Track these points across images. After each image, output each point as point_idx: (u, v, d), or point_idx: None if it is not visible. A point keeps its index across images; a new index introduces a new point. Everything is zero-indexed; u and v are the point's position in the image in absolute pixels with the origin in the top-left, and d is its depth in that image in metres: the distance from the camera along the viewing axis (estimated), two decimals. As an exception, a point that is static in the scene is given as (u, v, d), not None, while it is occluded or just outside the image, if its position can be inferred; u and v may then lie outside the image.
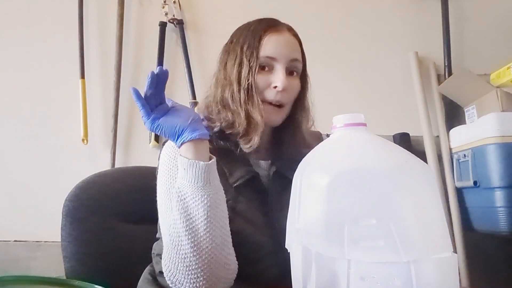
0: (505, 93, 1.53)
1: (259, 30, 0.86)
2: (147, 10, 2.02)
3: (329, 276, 0.44)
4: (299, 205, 0.50)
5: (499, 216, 1.43)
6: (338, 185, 0.45)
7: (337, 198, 0.45)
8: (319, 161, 0.51)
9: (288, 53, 0.85)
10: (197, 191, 0.70)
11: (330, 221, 0.45)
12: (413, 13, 1.99)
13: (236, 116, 0.83)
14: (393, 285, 0.41)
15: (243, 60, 0.84)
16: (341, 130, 0.51)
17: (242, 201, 0.82)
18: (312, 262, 0.45)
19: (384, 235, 0.42)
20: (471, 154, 1.55)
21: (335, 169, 0.47)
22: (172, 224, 0.72)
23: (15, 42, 2.00)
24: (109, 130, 1.92)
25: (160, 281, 0.88)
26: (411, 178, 0.46)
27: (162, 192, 0.80)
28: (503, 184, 1.42)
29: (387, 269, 0.41)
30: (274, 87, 0.83)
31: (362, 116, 0.51)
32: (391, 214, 0.43)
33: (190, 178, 0.71)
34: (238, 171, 0.84)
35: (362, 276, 0.42)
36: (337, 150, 0.50)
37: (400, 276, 0.41)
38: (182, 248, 0.70)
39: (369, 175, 0.45)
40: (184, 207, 0.70)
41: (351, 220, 0.43)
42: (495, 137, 1.45)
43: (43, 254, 1.85)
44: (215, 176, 0.73)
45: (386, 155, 0.48)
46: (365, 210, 0.43)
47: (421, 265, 0.41)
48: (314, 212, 0.46)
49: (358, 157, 0.48)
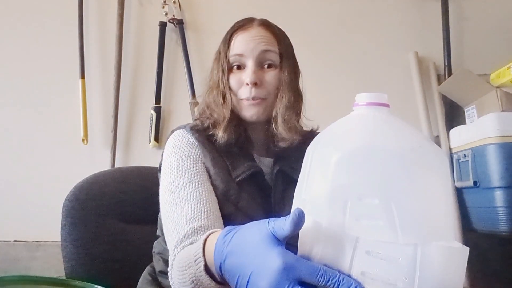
0: (505, 93, 1.53)
1: (229, 32, 0.89)
2: (147, 10, 2.02)
3: (335, 248, 0.44)
4: (308, 177, 0.50)
5: (499, 216, 1.42)
6: (347, 161, 0.45)
7: (344, 174, 0.45)
8: (333, 137, 0.50)
9: (255, 46, 0.85)
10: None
11: (335, 195, 0.44)
12: (413, 13, 1.99)
13: (217, 116, 0.86)
14: (397, 264, 0.41)
15: (218, 65, 0.88)
16: (362, 108, 0.50)
17: (244, 198, 0.82)
18: (321, 233, 0.45)
19: (385, 215, 0.42)
20: (471, 154, 1.55)
21: (347, 146, 0.47)
22: (184, 267, 0.64)
23: (15, 42, 2.00)
24: (109, 130, 1.92)
25: (160, 281, 0.88)
26: (423, 163, 0.45)
27: (167, 185, 0.80)
28: (503, 184, 1.42)
29: (394, 248, 0.42)
30: (246, 84, 0.84)
31: (385, 96, 0.50)
32: (394, 196, 0.42)
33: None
34: (241, 166, 0.84)
35: (368, 251, 0.43)
36: (353, 127, 0.49)
37: (406, 257, 0.41)
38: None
39: (379, 155, 0.44)
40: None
41: (355, 197, 0.43)
42: (495, 137, 1.45)
43: (43, 254, 1.85)
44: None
45: (402, 137, 0.47)
46: (370, 189, 0.43)
47: (428, 250, 0.41)
48: (320, 185, 0.46)
49: (372, 136, 0.47)
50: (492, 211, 1.45)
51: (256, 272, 0.46)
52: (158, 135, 1.92)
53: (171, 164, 0.82)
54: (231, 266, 0.50)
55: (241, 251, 0.49)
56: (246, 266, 0.47)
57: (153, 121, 1.91)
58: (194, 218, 0.73)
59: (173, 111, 1.98)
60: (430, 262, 0.41)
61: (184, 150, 0.84)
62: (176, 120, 1.96)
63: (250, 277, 0.46)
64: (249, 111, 0.86)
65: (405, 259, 0.41)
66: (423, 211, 0.43)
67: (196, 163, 0.82)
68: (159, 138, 1.92)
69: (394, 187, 0.43)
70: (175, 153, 0.84)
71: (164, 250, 0.88)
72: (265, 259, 0.46)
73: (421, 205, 0.43)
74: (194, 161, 0.82)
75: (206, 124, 0.88)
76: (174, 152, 0.84)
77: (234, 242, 0.51)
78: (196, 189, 0.78)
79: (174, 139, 0.86)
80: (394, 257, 0.42)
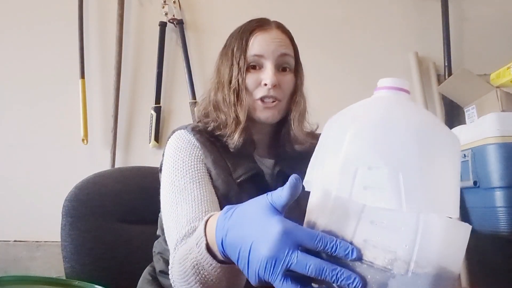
0: (505, 93, 1.53)
1: (246, 31, 0.88)
2: (147, 10, 2.02)
3: (341, 216, 0.46)
4: (322, 150, 0.52)
5: (499, 216, 1.42)
6: (361, 133, 0.47)
7: (357, 145, 0.47)
8: (349, 113, 0.53)
9: (276, 48, 0.86)
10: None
11: (346, 165, 0.46)
12: (413, 13, 1.99)
13: (227, 117, 0.85)
14: (399, 233, 0.43)
15: (233, 63, 0.86)
16: (383, 91, 0.52)
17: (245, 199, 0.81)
18: (329, 201, 0.47)
19: (391, 184, 0.44)
20: (471, 154, 1.55)
21: (362, 119, 0.49)
22: (185, 255, 0.64)
23: (15, 42, 2.00)
24: (109, 130, 1.92)
25: (160, 281, 0.89)
26: (434, 140, 0.47)
27: (168, 185, 0.80)
28: (503, 184, 1.42)
29: (397, 217, 0.43)
30: (264, 85, 0.84)
31: (407, 83, 0.52)
32: (402, 166, 0.44)
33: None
34: (242, 167, 0.84)
35: (372, 220, 0.44)
36: (370, 105, 0.52)
37: (408, 226, 0.43)
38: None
39: (392, 128, 0.47)
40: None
41: (365, 166, 0.45)
42: (495, 137, 1.44)
43: (43, 254, 1.85)
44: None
45: (416, 115, 0.49)
46: (380, 159, 0.45)
47: (430, 220, 0.43)
48: (333, 155, 0.48)
49: (388, 112, 0.49)
50: (492, 211, 1.45)
51: (257, 240, 0.47)
52: (158, 135, 1.92)
53: (172, 164, 0.82)
54: (232, 239, 0.51)
55: (241, 223, 0.51)
56: (247, 236, 0.48)
57: (153, 121, 1.91)
58: (195, 217, 0.73)
59: (173, 111, 1.98)
60: (430, 233, 0.42)
61: (185, 150, 0.84)
62: (176, 120, 1.96)
63: (251, 246, 0.47)
64: (265, 113, 0.86)
65: (407, 228, 0.43)
66: (430, 184, 0.45)
67: (197, 163, 0.82)
68: (159, 138, 1.92)
69: (403, 158, 0.45)
70: (176, 154, 0.84)
71: (164, 250, 0.88)
72: (265, 227, 0.47)
73: (428, 178, 0.44)
74: (195, 161, 0.82)
75: (211, 127, 0.87)
76: (175, 152, 0.84)
77: (235, 217, 0.52)
78: (197, 189, 0.78)
79: (175, 139, 0.86)
80: (396, 226, 0.43)
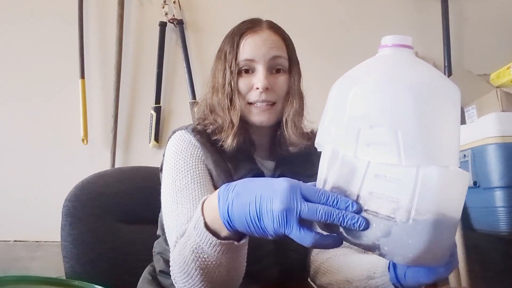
0: (505, 93, 1.53)
1: (237, 34, 0.87)
2: (147, 10, 2.02)
3: (349, 172, 0.51)
4: (329, 111, 0.55)
5: (499, 216, 1.42)
6: (362, 93, 0.50)
7: (359, 105, 0.50)
8: (352, 74, 0.55)
9: (267, 52, 0.85)
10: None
11: (350, 125, 0.50)
12: (413, 13, 1.99)
13: (223, 121, 0.85)
14: (401, 184, 0.47)
15: (226, 67, 0.86)
16: (386, 49, 0.54)
17: None
18: (338, 160, 0.52)
19: (391, 141, 0.47)
20: (471, 154, 1.54)
21: (363, 80, 0.52)
22: (184, 243, 0.64)
23: (15, 42, 2.00)
24: (109, 130, 1.92)
25: (160, 280, 0.89)
26: (433, 94, 0.49)
27: (169, 185, 0.80)
28: (503, 184, 1.42)
29: (398, 170, 0.47)
30: (256, 88, 0.84)
31: (410, 39, 0.53)
32: (401, 123, 0.47)
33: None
34: (243, 168, 0.84)
35: (377, 174, 0.49)
36: (372, 65, 0.54)
37: (408, 177, 0.47)
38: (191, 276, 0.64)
39: (391, 88, 0.49)
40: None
41: (367, 126, 0.49)
42: (495, 137, 1.44)
43: (43, 254, 1.85)
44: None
45: (416, 72, 0.51)
46: (380, 118, 0.49)
47: (429, 171, 0.46)
48: (338, 115, 0.52)
49: (388, 71, 0.51)
50: (492, 211, 1.45)
51: (266, 197, 0.50)
52: (158, 135, 1.92)
53: (173, 164, 0.82)
54: (239, 204, 0.53)
55: (247, 189, 0.53)
56: (256, 193, 0.51)
57: (153, 121, 1.91)
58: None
59: (173, 111, 1.98)
60: (429, 182, 0.46)
61: (186, 151, 0.84)
62: (176, 120, 1.96)
63: (261, 203, 0.51)
64: (259, 117, 0.85)
65: (407, 179, 0.47)
66: (428, 138, 0.48)
67: (198, 163, 0.82)
68: (159, 138, 1.92)
69: (402, 116, 0.48)
70: (177, 154, 0.83)
71: (164, 250, 0.89)
72: (273, 185, 0.51)
73: (427, 132, 0.48)
74: (196, 161, 0.82)
75: (210, 130, 0.87)
76: (176, 152, 0.84)
77: (239, 186, 0.55)
78: (197, 189, 0.78)
79: (176, 139, 0.86)
80: (398, 179, 0.47)
